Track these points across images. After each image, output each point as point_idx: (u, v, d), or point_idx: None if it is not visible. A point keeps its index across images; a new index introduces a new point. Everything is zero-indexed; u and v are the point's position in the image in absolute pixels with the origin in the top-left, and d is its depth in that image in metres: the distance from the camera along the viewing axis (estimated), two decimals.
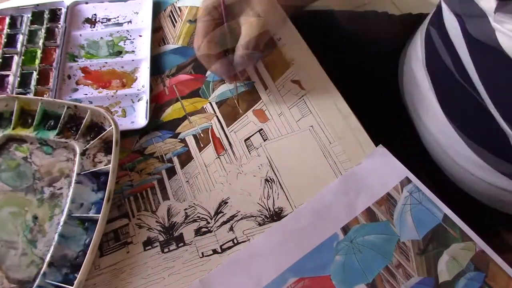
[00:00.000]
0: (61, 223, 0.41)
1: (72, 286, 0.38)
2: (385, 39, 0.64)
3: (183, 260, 0.42)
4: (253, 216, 0.44)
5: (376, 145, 0.46)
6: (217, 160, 0.47)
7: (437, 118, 0.50)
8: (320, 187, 0.44)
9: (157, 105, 0.51)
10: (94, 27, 0.56)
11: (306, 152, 0.47)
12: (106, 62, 0.53)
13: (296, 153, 0.47)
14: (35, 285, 0.39)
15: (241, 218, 0.44)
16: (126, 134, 0.48)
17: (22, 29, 0.55)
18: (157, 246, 0.43)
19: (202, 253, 0.42)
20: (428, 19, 0.56)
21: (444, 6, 0.46)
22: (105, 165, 0.44)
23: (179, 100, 0.51)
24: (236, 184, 0.46)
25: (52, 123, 0.46)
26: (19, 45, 0.53)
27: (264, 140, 0.48)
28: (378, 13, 0.68)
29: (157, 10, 0.58)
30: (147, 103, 0.50)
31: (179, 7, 0.58)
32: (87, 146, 0.45)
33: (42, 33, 0.54)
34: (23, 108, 0.47)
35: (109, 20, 0.57)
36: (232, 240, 0.43)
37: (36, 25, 0.54)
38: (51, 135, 0.45)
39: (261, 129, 0.49)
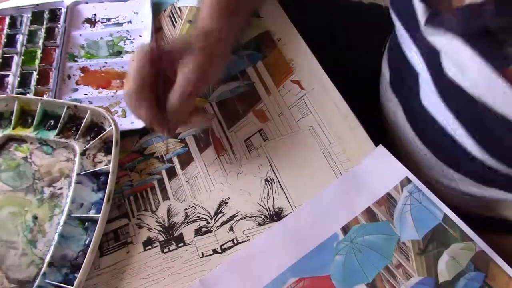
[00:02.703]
0: (61, 223, 0.41)
1: (72, 286, 0.38)
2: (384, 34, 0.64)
3: (183, 260, 0.42)
4: (253, 216, 0.44)
5: (376, 145, 0.46)
6: (217, 160, 0.47)
7: (406, 135, 0.50)
8: (320, 187, 0.44)
9: None
10: (94, 27, 0.56)
11: (306, 152, 0.47)
12: (106, 62, 0.53)
13: (296, 153, 0.47)
14: (35, 285, 0.39)
15: (241, 218, 0.44)
16: (126, 134, 0.48)
17: (22, 29, 0.55)
18: (157, 246, 0.43)
19: (202, 253, 0.42)
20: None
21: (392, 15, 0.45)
22: (105, 165, 0.44)
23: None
24: (236, 184, 0.46)
25: (52, 123, 0.46)
26: (19, 45, 0.53)
27: (264, 140, 0.48)
28: (383, 7, 0.67)
29: (157, 10, 0.58)
30: None
31: (179, 7, 0.58)
32: (87, 146, 0.45)
33: (42, 33, 0.54)
34: (23, 108, 0.47)
35: (109, 20, 0.57)
36: (232, 240, 0.43)
37: (36, 25, 0.54)
38: (51, 135, 0.45)
39: (261, 129, 0.49)
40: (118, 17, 0.57)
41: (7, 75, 0.51)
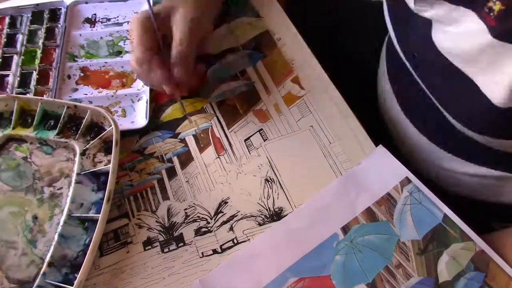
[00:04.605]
0: (61, 223, 0.41)
1: (72, 286, 0.38)
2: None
3: (183, 260, 0.42)
4: (253, 216, 0.44)
5: (376, 145, 0.46)
6: (217, 160, 0.47)
7: (402, 123, 0.51)
8: (320, 187, 0.44)
9: (157, 105, 0.51)
10: (94, 27, 0.56)
11: (306, 152, 0.47)
12: (106, 62, 0.53)
13: (296, 153, 0.47)
14: (35, 285, 0.39)
15: (241, 218, 0.44)
16: (126, 134, 0.48)
17: (22, 29, 0.55)
18: (157, 246, 0.43)
19: (202, 253, 0.42)
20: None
21: None
22: (105, 165, 0.44)
23: (179, 100, 0.51)
24: (236, 184, 0.46)
25: (52, 123, 0.46)
26: (19, 45, 0.53)
27: (264, 140, 0.48)
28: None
29: None
30: (147, 103, 0.50)
31: None
32: (87, 146, 0.45)
33: (42, 33, 0.54)
34: (23, 108, 0.47)
35: (109, 20, 0.57)
36: (232, 240, 0.43)
37: (36, 25, 0.54)
38: (51, 135, 0.45)
39: (261, 129, 0.49)
40: (118, 17, 0.57)
41: (7, 75, 0.51)
